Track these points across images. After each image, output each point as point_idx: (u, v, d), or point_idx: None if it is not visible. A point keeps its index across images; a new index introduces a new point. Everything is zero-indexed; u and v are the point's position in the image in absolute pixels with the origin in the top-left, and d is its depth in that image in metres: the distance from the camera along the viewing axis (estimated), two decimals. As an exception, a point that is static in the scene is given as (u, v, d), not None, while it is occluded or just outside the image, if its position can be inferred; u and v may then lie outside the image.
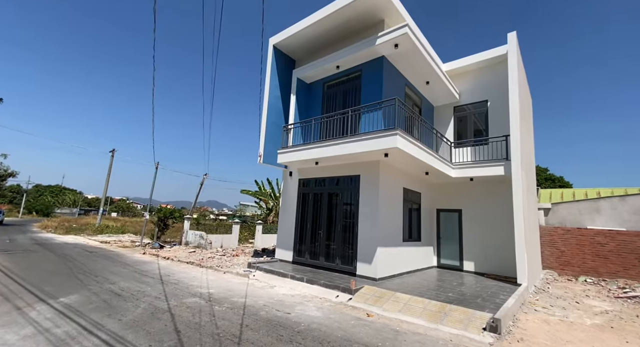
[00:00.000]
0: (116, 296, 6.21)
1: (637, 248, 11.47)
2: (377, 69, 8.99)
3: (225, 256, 12.32)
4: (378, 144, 7.32)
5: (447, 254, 11.21)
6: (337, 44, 10.41)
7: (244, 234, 19.67)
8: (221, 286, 7.59)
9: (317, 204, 9.82)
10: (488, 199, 10.59)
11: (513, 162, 8.98)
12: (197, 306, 5.78)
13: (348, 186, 9.06)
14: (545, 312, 6.81)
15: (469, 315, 5.60)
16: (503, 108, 10.31)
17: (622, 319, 6.59)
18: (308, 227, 9.80)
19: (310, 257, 9.48)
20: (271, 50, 10.93)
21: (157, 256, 12.40)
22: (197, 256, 12.14)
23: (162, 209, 19.56)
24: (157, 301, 6.03)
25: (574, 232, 12.68)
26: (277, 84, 10.88)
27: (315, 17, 9.54)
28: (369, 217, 8.34)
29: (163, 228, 18.30)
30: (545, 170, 34.72)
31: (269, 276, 8.56)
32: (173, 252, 13.40)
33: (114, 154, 28.61)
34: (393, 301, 6.42)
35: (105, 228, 23.20)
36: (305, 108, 10.78)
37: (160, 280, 7.98)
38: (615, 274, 11.65)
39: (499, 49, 10.58)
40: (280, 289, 7.52)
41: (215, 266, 10.16)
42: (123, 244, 16.09)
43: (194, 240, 15.54)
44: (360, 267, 8.21)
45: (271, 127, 10.47)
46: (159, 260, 11.53)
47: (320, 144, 8.50)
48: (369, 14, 9.09)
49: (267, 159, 10.08)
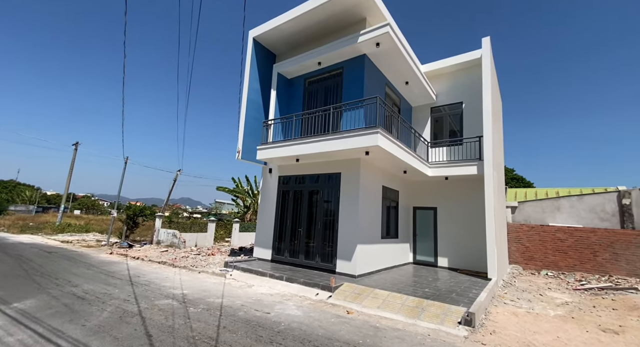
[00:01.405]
0: (79, 300, 5.75)
1: (592, 243, 12.42)
2: (359, 67, 9.00)
3: (200, 255, 11.88)
4: (359, 141, 7.33)
5: (423, 250, 11.53)
6: (318, 41, 10.30)
7: (220, 233, 19.11)
8: (196, 287, 7.28)
9: (297, 201, 9.71)
10: (461, 198, 11.00)
11: (485, 162, 9.36)
12: (171, 308, 5.49)
13: (328, 184, 9.02)
14: (513, 305, 7.17)
15: (444, 310, 5.76)
16: (477, 110, 10.73)
17: (581, 310, 7.08)
18: (288, 225, 9.66)
19: (290, 255, 9.36)
20: (251, 43, 10.62)
21: (126, 255, 11.72)
22: (169, 256, 11.61)
23: (131, 206, 18.52)
24: (125, 303, 5.66)
25: (537, 229, 13.51)
26: (257, 77, 10.60)
27: (297, 12, 9.37)
28: (349, 214, 8.36)
29: (132, 226, 17.34)
30: (511, 170, 36.78)
31: (247, 275, 8.34)
32: (143, 251, 12.73)
33: (77, 147, 26.71)
34: (372, 298, 6.47)
35: (67, 227, 21.61)
36: (285, 104, 10.60)
37: (130, 281, 7.53)
38: (573, 267, 12.56)
39: (474, 53, 10.99)
40: (259, 289, 7.35)
41: (189, 265, 9.76)
42: (87, 244, 15.06)
43: (166, 239, 14.86)
44: (340, 265, 8.22)
45: (251, 122, 10.19)
46: (127, 260, 10.89)
47: (302, 141, 8.38)
48: (351, 11, 9.06)
49: (246, 155, 9.80)
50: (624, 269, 11.70)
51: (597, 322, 6.06)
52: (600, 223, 12.99)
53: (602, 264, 12.08)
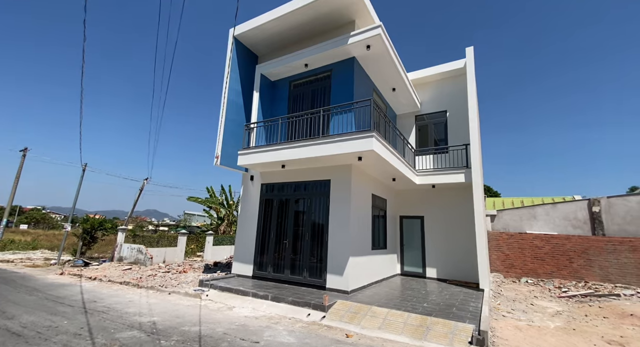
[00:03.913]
0: (13, 337, 4.56)
1: (567, 250, 12.79)
2: (348, 69, 8.65)
3: (170, 273, 10.61)
4: (353, 146, 6.86)
5: (411, 261, 11.17)
6: (304, 43, 9.87)
7: (191, 247, 17.62)
8: (167, 312, 6.24)
9: (282, 211, 8.97)
10: (448, 206, 10.85)
11: (473, 169, 9.29)
12: (136, 342, 4.50)
13: (317, 191, 8.41)
14: (511, 317, 6.90)
15: (451, 328, 5.29)
16: (461, 118, 10.77)
17: (575, 320, 6.95)
18: (272, 237, 8.85)
19: (274, 270, 8.52)
20: (231, 42, 9.96)
21: (81, 276, 10.18)
22: (134, 274, 10.24)
23: (89, 219, 16.59)
24: (76, 340, 4.57)
25: (516, 237, 13.74)
26: (237, 78, 9.90)
27: (281, 11, 8.90)
28: (340, 224, 7.77)
29: (90, 242, 15.46)
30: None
31: (226, 295, 7.40)
32: (102, 270, 11.18)
33: (26, 153, 23.89)
34: (371, 317, 5.87)
35: (10, 243, 18.90)
36: (269, 107, 9.96)
37: (83, 308, 6.31)
38: (550, 274, 12.81)
39: (457, 62, 11.12)
40: (241, 311, 6.47)
41: (158, 285, 8.57)
42: (33, 263, 13.08)
43: (130, 255, 13.30)
44: (331, 280, 7.55)
45: (231, 126, 9.40)
46: (82, 281, 9.42)
47: (289, 145, 7.76)
48: (339, 13, 8.76)
49: (225, 161, 8.96)
50: (597, 275, 12.09)
51: (598, 334, 5.89)
52: (573, 230, 13.48)
53: (577, 270, 12.43)
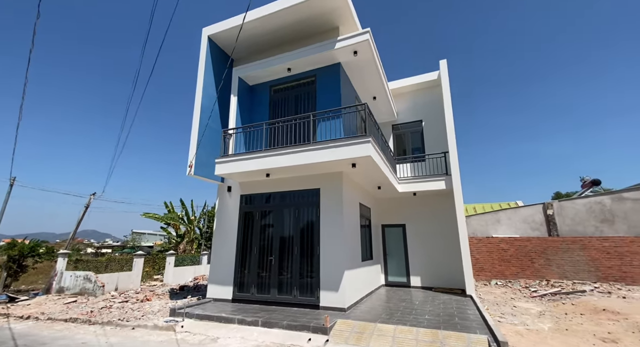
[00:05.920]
0: None
1: (529, 252, 13.71)
2: (334, 75, 8.41)
3: (129, 303, 9.03)
4: (347, 152, 6.50)
5: (394, 270, 10.98)
6: (284, 46, 9.47)
7: (146, 270, 15.60)
8: (136, 353, 5.11)
9: (265, 224, 8.20)
10: (428, 213, 10.97)
11: (454, 176, 9.50)
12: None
13: (305, 201, 7.84)
14: (506, 322, 6.92)
15: (465, 341, 5.03)
16: (436, 127, 11.13)
17: (560, 319, 7.20)
18: (254, 253, 8.00)
19: (259, 291, 7.64)
20: (205, 42, 9.19)
21: (8, 315, 8.18)
22: (82, 308, 8.52)
23: (16, 245, 13.82)
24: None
25: (484, 241, 14.44)
26: (212, 82, 9.10)
27: (262, 12, 8.44)
28: (332, 236, 7.26)
29: (17, 272, 12.82)
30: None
31: (206, 324, 6.37)
32: (37, 306, 9.17)
33: None
34: (378, 336, 5.39)
35: None
36: (247, 113, 9.27)
37: (19, 359, 4.89)
38: (516, 275, 13.58)
39: (431, 74, 11.58)
40: (229, 342, 5.55)
41: (116, 319, 7.13)
42: (-64, 303, 10.33)
43: (74, 284, 11.20)
44: (325, 297, 6.94)
45: (205, 133, 8.50)
46: (10, 322, 7.54)
47: (275, 152, 7.16)
48: (323, 18, 8.55)
49: (199, 171, 8.01)
50: (556, 273, 13.08)
51: (589, 332, 6.10)
52: (532, 232, 14.56)
53: (539, 269, 13.34)
